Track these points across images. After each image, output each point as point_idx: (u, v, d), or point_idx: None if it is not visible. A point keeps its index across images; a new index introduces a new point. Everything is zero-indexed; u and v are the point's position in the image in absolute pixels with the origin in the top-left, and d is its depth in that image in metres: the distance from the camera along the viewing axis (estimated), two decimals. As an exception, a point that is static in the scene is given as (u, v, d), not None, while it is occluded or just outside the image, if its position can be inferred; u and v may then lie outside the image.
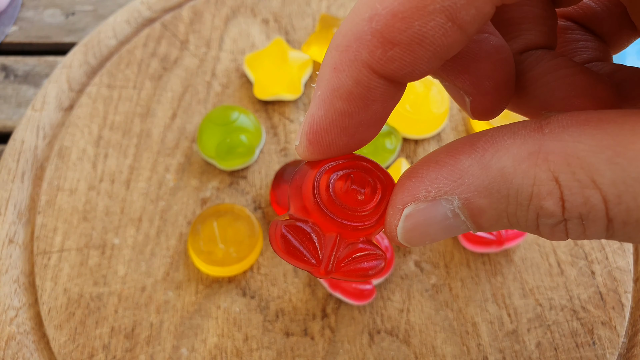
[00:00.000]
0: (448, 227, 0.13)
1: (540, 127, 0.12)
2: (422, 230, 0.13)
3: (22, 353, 0.25)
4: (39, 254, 0.28)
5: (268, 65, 0.31)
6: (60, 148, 0.30)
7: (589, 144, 0.11)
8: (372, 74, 0.12)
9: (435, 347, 0.26)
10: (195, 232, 0.27)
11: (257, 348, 0.25)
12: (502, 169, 0.12)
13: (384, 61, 0.12)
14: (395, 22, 0.11)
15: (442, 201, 0.13)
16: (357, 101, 0.13)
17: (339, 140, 0.14)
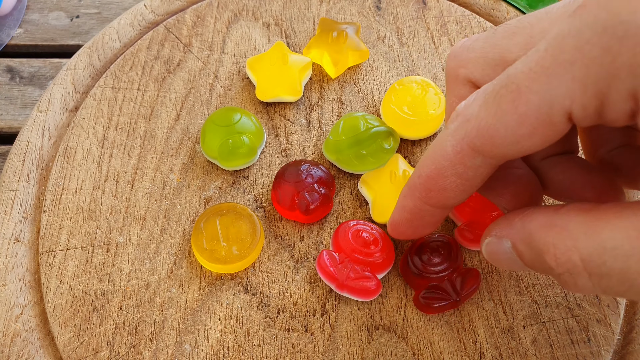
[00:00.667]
0: (510, 259, 0.20)
1: (558, 209, 0.18)
2: (493, 255, 0.20)
3: (27, 350, 0.26)
4: (44, 252, 0.28)
5: (269, 68, 0.32)
6: (66, 148, 0.31)
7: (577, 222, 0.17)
8: (421, 203, 0.21)
9: (432, 343, 0.26)
10: (198, 230, 0.27)
11: (258, 344, 0.26)
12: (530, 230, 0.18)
13: (426, 198, 0.21)
14: (429, 180, 0.20)
15: (503, 240, 0.20)
16: (415, 216, 0.22)
17: (407, 231, 0.23)
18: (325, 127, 0.32)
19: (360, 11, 0.36)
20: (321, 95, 0.33)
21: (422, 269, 0.26)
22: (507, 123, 0.16)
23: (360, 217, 0.29)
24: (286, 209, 0.28)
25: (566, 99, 0.14)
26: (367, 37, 0.35)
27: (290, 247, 0.28)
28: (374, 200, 0.28)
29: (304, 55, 0.33)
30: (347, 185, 0.30)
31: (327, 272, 0.26)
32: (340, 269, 0.26)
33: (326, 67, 0.33)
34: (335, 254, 0.27)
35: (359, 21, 0.36)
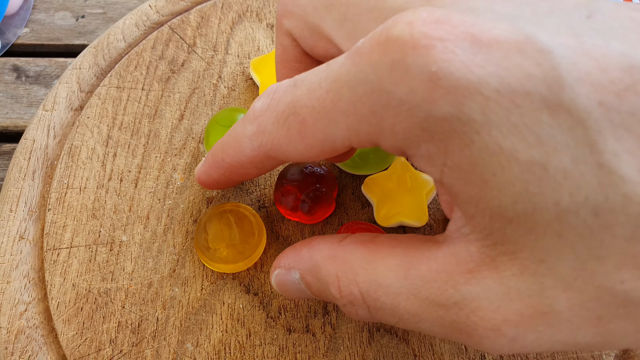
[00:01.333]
0: (298, 289, 0.20)
1: (340, 240, 0.19)
2: (283, 286, 0.21)
3: (31, 347, 0.26)
4: (48, 250, 0.28)
5: (273, 69, 0.32)
6: (70, 147, 0.31)
7: (357, 255, 0.18)
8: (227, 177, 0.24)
9: (433, 345, 0.26)
10: (200, 230, 0.28)
11: (260, 344, 0.26)
12: (317, 262, 0.19)
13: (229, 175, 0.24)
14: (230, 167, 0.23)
15: (292, 272, 0.20)
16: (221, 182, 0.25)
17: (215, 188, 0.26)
18: (328, 128, 0.32)
19: (364, 13, 0.37)
20: (324, 97, 0.33)
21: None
22: (296, 147, 0.18)
23: (363, 219, 0.29)
24: (288, 210, 0.28)
25: (345, 139, 0.17)
26: (371, 38, 0.35)
27: (292, 247, 0.29)
28: (378, 203, 0.29)
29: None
30: (350, 186, 0.30)
31: None
32: None
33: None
34: None
35: (363, 23, 0.36)
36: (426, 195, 0.29)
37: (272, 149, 0.19)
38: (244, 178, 0.23)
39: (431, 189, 0.29)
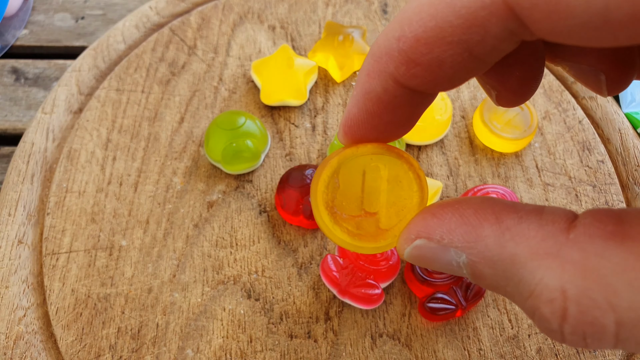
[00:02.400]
0: (449, 269, 0.14)
1: (567, 230, 0.12)
2: (425, 261, 0.14)
3: (30, 352, 0.26)
4: (47, 254, 0.28)
5: (274, 72, 0.32)
6: (69, 150, 0.31)
7: (612, 262, 0.11)
8: (397, 84, 0.14)
9: (436, 351, 0.26)
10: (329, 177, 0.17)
11: (261, 350, 0.26)
12: (514, 255, 0.12)
13: (407, 76, 0.13)
14: (418, 46, 0.13)
15: (452, 250, 0.13)
16: (385, 105, 0.14)
17: (370, 135, 0.16)
18: (330, 131, 0.32)
19: (366, 15, 0.36)
20: (326, 100, 0.33)
21: (427, 275, 0.26)
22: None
23: (365, 223, 0.29)
24: (290, 214, 0.28)
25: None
26: (373, 40, 0.35)
27: (294, 252, 0.28)
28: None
29: (310, 59, 0.33)
30: (352, 191, 0.30)
31: (331, 276, 0.26)
32: (344, 275, 0.26)
33: (332, 71, 0.33)
34: (340, 259, 0.26)
35: (365, 25, 0.36)
36: (430, 199, 0.28)
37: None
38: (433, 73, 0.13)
39: (435, 193, 0.29)
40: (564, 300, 0.11)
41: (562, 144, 0.31)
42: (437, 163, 0.31)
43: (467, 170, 0.30)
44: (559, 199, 0.30)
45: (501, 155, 0.31)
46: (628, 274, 0.11)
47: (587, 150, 0.31)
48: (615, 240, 0.11)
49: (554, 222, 0.12)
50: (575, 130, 0.32)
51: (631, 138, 0.32)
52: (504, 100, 0.16)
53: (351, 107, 0.15)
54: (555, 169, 0.31)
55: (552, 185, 0.30)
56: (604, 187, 0.30)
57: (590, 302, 0.11)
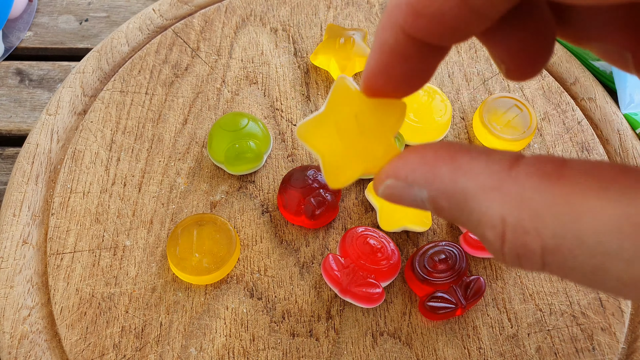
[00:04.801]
0: (415, 204, 0.16)
1: (510, 168, 0.13)
2: (395, 198, 0.16)
3: (34, 352, 0.26)
4: (52, 254, 0.28)
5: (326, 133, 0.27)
6: (74, 151, 0.31)
7: (543, 196, 0.13)
8: (406, 36, 0.15)
9: (436, 349, 0.26)
10: (174, 237, 0.27)
11: (263, 348, 0.26)
12: (465, 189, 0.14)
13: (414, 28, 0.14)
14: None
15: (415, 187, 0.15)
16: (398, 56, 0.15)
17: (387, 86, 0.16)
18: (332, 132, 0.32)
19: (367, 17, 0.37)
20: (328, 101, 0.33)
21: (427, 274, 0.26)
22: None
23: (366, 223, 0.29)
24: (292, 214, 0.28)
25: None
26: (374, 43, 0.35)
27: (295, 252, 0.29)
28: (381, 207, 0.29)
29: (312, 61, 0.34)
30: (353, 191, 0.30)
31: (332, 275, 0.26)
32: (345, 274, 0.26)
33: (333, 73, 0.33)
34: (341, 258, 0.27)
35: (367, 27, 0.36)
36: None
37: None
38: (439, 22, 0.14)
39: None
40: (503, 227, 0.13)
41: (561, 144, 0.32)
42: (438, 164, 0.31)
43: (467, 171, 0.31)
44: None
45: (501, 156, 0.31)
46: (555, 208, 0.12)
47: (586, 151, 0.32)
48: (550, 179, 0.13)
49: (500, 162, 0.14)
50: (574, 131, 0.32)
51: (630, 139, 0.32)
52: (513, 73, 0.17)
53: (369, 59, 0.16)
54: (554, 170, 0.31)
55: (551, 185, 0.30)
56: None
57: (522, 229, 0.13)
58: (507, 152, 0.14)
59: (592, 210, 0.12)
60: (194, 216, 0.28)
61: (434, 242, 0.28)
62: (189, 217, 0.28)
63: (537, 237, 0.13)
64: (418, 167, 0.15)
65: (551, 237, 0.12)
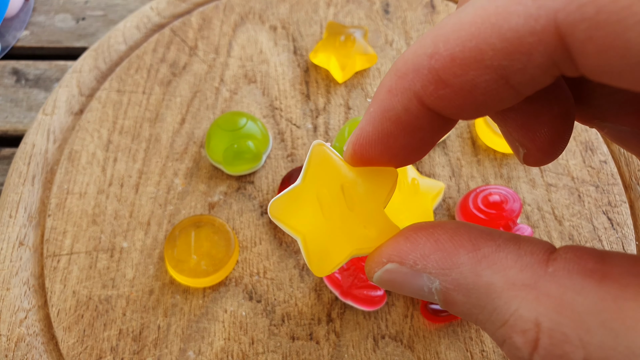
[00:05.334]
0: (418, 294, 0.14)
1: (546, 263, 0.12)
2: (395, 285, 0.14)
3: (31, 354, 0.26)
4: (48, 256, 0.28)
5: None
6: (70, 152, 0.31)
7: (588, 299, 0.11)
8: (421, 105, 0.13)
9: (439, 352, 0.26)
10: (172, 238, 0.27)
11: (263, 352, 0.26)
12: (490, 285, 0.12)
13: (434, 97, 0.12)
14: (452, 66, 0.12)
15: (424, 276, 0.13)
16: (404, 126, 0.13)
17: (382, 157, 0.14)
18: (332, 132, 0.32)
19: (368, 15, 0.36)
20: (328, 100, 0.33)
21: None
22: None
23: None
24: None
25: None
26: (375, 41, 0.35)
27: (295, 254, 0.28)
28: None
29: (311, 60, 0.33)
30: (354, 191, 0.30)
31: (333, 278, 0.26)
32: (346, 276, 0.26)
33: (333, 71, 0.33)
34: None
35: (367, 25, 0.36)
36: (432, 200, 0.28)
37: None
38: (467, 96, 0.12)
39: (437, 194, 0.28)
40: (537, 331, 0.11)
41: (564, 144, 0.31)
42: (440, 164, 0.31)
43: (470, 170, 0.30)
44: (562, 200, 0.30)
45: (504, 155, 0.31)
46: (602, 314, 0.11)
47: (589, 150, 0.31)
48: (594, 279, 0.11)
49: (533, 254, 0.12)
50: (578, 131, 0.32)
51: (634, 138, 0.32)
52: (532, 158, 0.15)
53: (365, 124, 0.14)
54: (558, 169, 0.30)
55: (554, 185, 0.30)
56: (606, 188, 0.30)
57: (562, 336, 0.11)
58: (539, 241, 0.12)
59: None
60: (192, 217, 0.28)
61: None
62: (187, 218, 0.28)
63: (580, 348, 0.11)
64: (431, 252, 0.13)
65: (598, 348, 0.11)
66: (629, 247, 0.28)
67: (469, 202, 0.28)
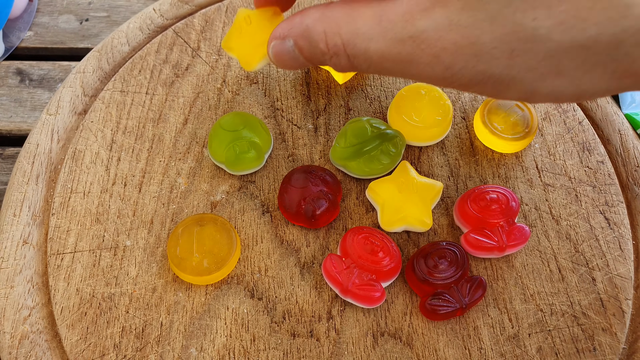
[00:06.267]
0: (293, 57, 0.22)
1: (327, 5, 0.21)
2: (279, 58, 0.23)
3: (35, 352, 0.26)
4: (52, 254, 0.28)
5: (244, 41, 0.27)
6: (74, 151, 0.31)
7: (341, 13, 0.20)
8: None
9: (437, 350, 0.26)
10: (175, 237, 0.27)
11: (264, 349, 0.26)
12: (307, 25, 0.21)
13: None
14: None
15: (286, 40, 0.22)
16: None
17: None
18: (332, 132, 0.32)
19: (367, 17, 0.36)
20: (328, 101, 0.33)
21: (428, 274, 0.26)
22: None
23: (367, 223, 0.29)
24: (293, 214, 0.28)
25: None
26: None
27: (296, 252, 0.28)
28: (382, 208, 0.29)
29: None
30: (354, 191, 0.30)
31: (333, 276, 0.26)
32: (346, 274, 0.26)
33: (334, 72, 0.33)
34: (342, 259, 0.27)
35: (367, 27, 0.36)
36: (430, 199, 0.29)
37: None
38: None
39: (435, 194, 0.29)
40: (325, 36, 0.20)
41: (562, 144, 0.32)
42: (438, 164, 0.31)
43: (468, 170, 0.31)
44: (559, 199, 0.30)
45: (501, 156, 0.31)
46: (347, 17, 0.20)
47: (587, 151, 0.31)
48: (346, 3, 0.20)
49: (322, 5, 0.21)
50: (575, 131, 0.32)
51: (631, 139, 0.32)
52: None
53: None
54: (555, 170, 0.31)
55: (552, 185, 0.30)
56: (603, 188, 0.30)
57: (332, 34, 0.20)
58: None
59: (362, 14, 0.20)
60: (195, 216, 0.28)
61: (434, 242, 0.28)
62: (190, 217, 0.28)
63: (339, 37, 0.20)
64: (283, 24, 0.22)
65: (345, 34, 0.20)
66: (625, 246, 0.29)
67: (467, 201, 0.28)
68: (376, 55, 0.19)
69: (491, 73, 0.18)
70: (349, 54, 0.20)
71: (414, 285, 0.27)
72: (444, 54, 0.18)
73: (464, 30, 0.17)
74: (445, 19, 0.18)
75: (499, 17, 0.17)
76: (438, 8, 0.18)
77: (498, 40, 0.17)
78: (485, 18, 0.17)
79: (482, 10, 0.17)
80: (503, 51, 0.17)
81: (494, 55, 0.17)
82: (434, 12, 0.18)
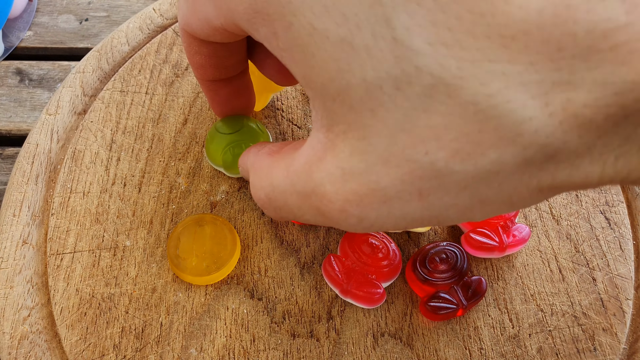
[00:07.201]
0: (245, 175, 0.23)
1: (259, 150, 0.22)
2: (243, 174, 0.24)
3: (34, 352, 0.26)
4: (52, 254, 0.28)
5: None
6: (74, 151, 0.31)
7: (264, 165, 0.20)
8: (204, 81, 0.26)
9: (437, 350, 0.26)
10: (175, 237, 0.27)
11: (264, 349, 0.26)
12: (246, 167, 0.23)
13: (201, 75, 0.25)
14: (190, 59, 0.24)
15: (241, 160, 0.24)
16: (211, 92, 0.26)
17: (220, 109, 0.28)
18: (332, 132, 0.32)
19: (367, 17, 0.36)
20: (328, 101, 0.33)
21: (429, 275, 0.26)
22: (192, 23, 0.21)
23: (367, 223, 0.29)
24: (293, 215, 0.28)
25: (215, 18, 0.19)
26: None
27: (296, 252, 0.28)
28: None
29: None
30: (354, 191, 0.30)
31: (333, 276, 0.26)
32: (346, 274, 0.26)
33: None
34: (342, 259, 0.27)
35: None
36: None
37: (185, 24, 0.22)
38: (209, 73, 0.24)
39: None
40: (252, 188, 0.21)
41: (562, 145, 0.32)
42: (439, 164, 0.31)
43: (468, 171, 0.31)
44: (559, 199, 0.30)
45: (502, 156, 0.31)
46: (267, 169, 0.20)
47: (587, 151, 0.31)
48: (269, 155, 0.20)
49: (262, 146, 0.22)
50: (576, 132, 0.32)
51: (631, 139, 0.32)
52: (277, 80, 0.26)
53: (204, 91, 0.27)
54: (555, 170, 0.31)
55: (552, 186, 0.30)
56: (604, 188, 0.30)
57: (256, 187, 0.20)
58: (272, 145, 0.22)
59: (277, 167, 0.19)
60: (194, 216, 0.28)
61: (435, 242, 0.28)
62: (189, 217, 0.28)
63: (262, 190, 0.20)
64: (248, 151, 0.23)
65: (266, 187, 0.19)
66: (626, 246, 0.29)
67: (468, 201, 0.28)
68: (295, 208, 0.18)
69: (412, 217, 0.16)
70: (274, 206, 0.19)
71: (414, 285, 0.27)
72: (350, 207, 0.16)
73: (360, 178, 0.15)
74: (337, 168, 0.16)
75: (391, 158, 0.15)
76: (329, 157, 0.16)
77: (399, 182, 0.15)
78: (376, 161, 0.15)
79: (370, 152, 0.15)
80: (411, 193, 0.15)
81: (403, 198, 0.15)
82: (326, 162, 0.16)
